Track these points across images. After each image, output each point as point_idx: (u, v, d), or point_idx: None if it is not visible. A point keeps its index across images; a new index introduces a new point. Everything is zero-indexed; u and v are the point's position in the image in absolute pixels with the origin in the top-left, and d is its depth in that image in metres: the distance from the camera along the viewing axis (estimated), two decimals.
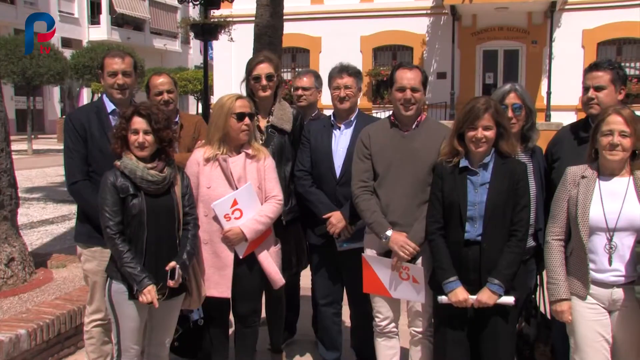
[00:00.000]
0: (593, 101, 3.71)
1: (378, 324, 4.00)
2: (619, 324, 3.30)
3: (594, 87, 3.73)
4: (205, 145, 3.98)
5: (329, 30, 22.28)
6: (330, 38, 22.12)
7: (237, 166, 3.92)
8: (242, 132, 3.90)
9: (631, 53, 21.03)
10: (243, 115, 3.88)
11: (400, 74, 3.85)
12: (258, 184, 3.97)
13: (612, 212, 3.23)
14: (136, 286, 3.39)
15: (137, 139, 3.47)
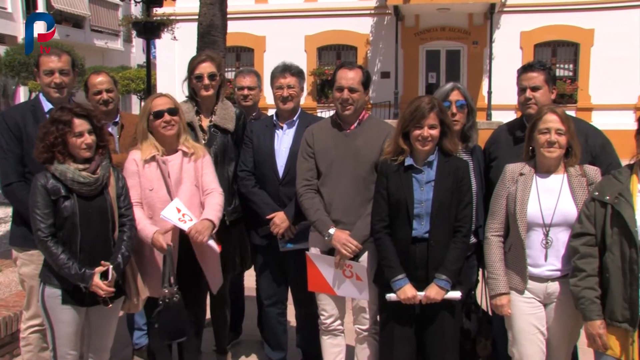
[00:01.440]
0: (531, 101, 3.78)
1: (323, 322, 4.02)
2: (553, 316, 3.41)
3: (530, 87, 3.81)
4: (139, 146, 3.89)
5: (273, 29, 22.20)
6: (274, 37, 22.04)
7: (175, 166, 3.86)
8: (163, 128, 3.83)
9: (565, 55, 21.72)
10: (160, 112, 3.82)
11: (340, 73, 3.88)
12: (195, 182, 3.92)
13: (548, 208, 3.33)
14: (83, 284, 3.32)
15: (84, 140, 3.38)
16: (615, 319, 3.10)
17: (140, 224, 3.72)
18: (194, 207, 3.86)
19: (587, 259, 3.19)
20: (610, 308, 3.12)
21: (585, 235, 3.21)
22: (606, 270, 3.13)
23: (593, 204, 3.21)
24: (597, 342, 3.15)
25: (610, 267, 3.11)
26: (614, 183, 3.19)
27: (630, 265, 3.04)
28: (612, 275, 3.09)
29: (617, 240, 3.10)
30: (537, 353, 3.41)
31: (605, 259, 3.14)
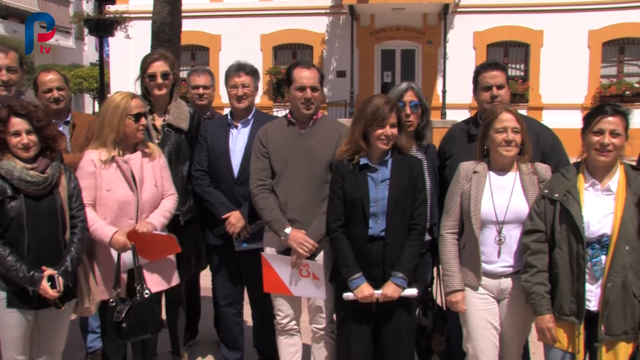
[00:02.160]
0: (497, 99, 3.83)
1: (279, 322, 4.01)
2: (506, 311, 3.47)
3: (496, 85, 3.85)
4: (97, 146, 3.83)
5: (228, 28, 22.01)
6: (230, 36, 21.85)
7: (136, 165, 3.83)
8: (139, 132, 3.83)
9: (516, 55, 22.13)
10: (140, 115, 3.80)
11: (298, 72, 3.87)
12: (155, 182, 3.89)
13: (501, 205, 3.39)
14: (30, 287, 3.25)
15: (21, 140, 3.30)
16: (563, 312, 3.18)
17: (95, 224, 3.66)
18: (150, 208, 3.87)
19: (537, 255, 3.26)
20: (558, 302, 3.20)
21: (535, 232, 3.28)
22: (555, 266, 3.20)
23: (543, 202, 3.28)
24: (547, 335, 3.23)
25: (559, 262, 3.19)
26: (563, 181, 3.26)
27: (578, 260, 3.12)
28: (561, 271, 3.17)
29: (565, 236, 3.18)
30: (491, 348, 3.47)
31: (554, 254, 3.22)
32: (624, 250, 3.05)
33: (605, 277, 3.08)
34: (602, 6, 20.66)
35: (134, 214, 3.82)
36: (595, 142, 3.15)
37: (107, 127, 3.77)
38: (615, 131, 3.12)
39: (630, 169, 3.21)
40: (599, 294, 3.11)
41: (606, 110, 3.17)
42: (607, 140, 3.12)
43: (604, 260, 3.10)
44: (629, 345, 3.12)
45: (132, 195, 3.80)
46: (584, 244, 3.10)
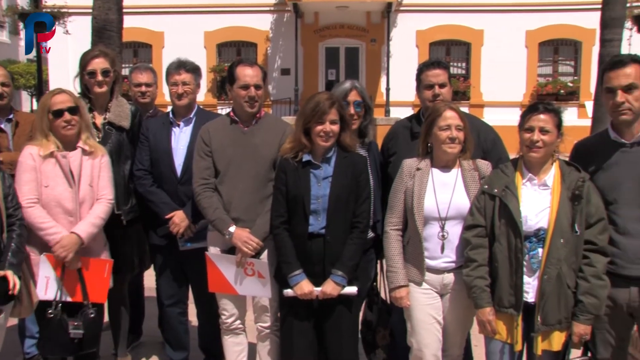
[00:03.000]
0: (439, 97, 3.87)
1: (224, 321, 3.99)
2: (449, 306, 3.54)
3: (438, 84, 3.90)
4: (36, 143, 3.74)
5: (171, 25, 21.69)
6: (173, 33, 21.54)
7: (75, 162, 3.75)
8: (63, 128, 3.72)
9: (458, 53, 22.60)
10: (60, 112, 3.70)
11: (241, 71, 3.84)
12: (90, 181, 3.81)
13: (443, 202, 3.44)
14: None
15: None
16: (503, 305, 3.26)
17: (47, 222, 3.62)
18: (85, 207, 3.79)
19: (478, 249, 3.33)
20: (498, 295, 3.28)
21: (476, 227, 3.35)
22: (495, 260, 3.28)
23: (483, 197, 3.35)
24: (487, 328, 3.31)
25: (498, 256, 3.27)
26: (501, 177, 3.34)
27: (516, 254, 3.20)
28: (500, 264, 3.25)
29: (504, 231, 3.25)
30: (434, 342, 3.52)
31: (494, 249, 3.29)
32: (559, 244, 3.14)
33: (541, 269, 3.17)
34: (538, 8, 21.35)
35: (73, 211, 3.74)
36: (526, 139, 3.25)
37: (38, 127, 3.73)
38: (545, 128, 3.21)
39: (565, 164, 3.31)
40: (536, 286, 3.20)
41: (538, 108, 3.27)
42: (537, 137, 3.21)
43: (540, 253, 3.18)
44: (563, 333, 3.22)
45: (71, 192, 3.72)
46: (522, 237, 3.18)
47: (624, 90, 3.19)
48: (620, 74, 3.20)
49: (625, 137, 3.28)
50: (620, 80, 3.19)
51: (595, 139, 3.55)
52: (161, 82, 5.20)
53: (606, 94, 3.28)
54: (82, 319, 3.74)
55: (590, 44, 20.31)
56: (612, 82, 3.22)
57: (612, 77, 3.22)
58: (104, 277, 3.84)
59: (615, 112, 3.24)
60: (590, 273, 3.16)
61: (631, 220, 3.23)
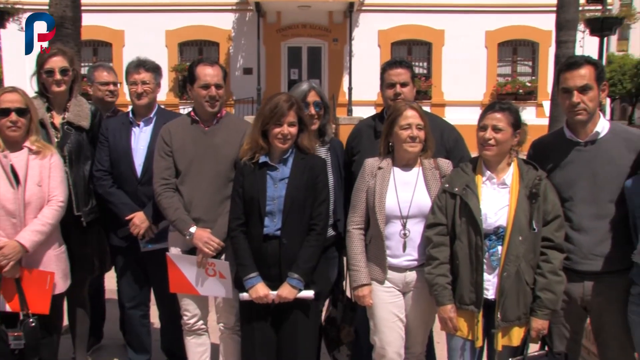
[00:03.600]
0: (400, 96, 3.89)
1: (186, 322, 3.96)
2: (411, 303, 3.57)
3: (400, 83, 3.92)
4: None
5: (132, 23, 21.38)
6: (133, 31, 21.23)
7: (21, 163, 3.63)
8: (8, 129, 3.61)
9: (419, 53, 22.81)
10: (7, 111, 3.60)
11: (202, 70, 3.82)
12: (39, 181, 3.68)
13: (405, 200, 3.47)
14: None
15: None
16: (464, 302, 3.30)
17: None
18: (32, 209, 3.65)
19: (439, 247, 3.36)
20: (459, 293, 3.32)
21: (437, 226, 3.38)
22: (456, 257, 3.32)
23: (444, 195, 3.39)
24: (449, 325, 3.35)
25: (459, 254, 3.31)
26: (462, 175, 3.39)
27: (476, 251, 3.25)
28: (461, 262, 3.29)
29: (465, 229, 3.30)
30: (397, 339, 3.55)
31: (455, 247, 3.33)
32: (517, 241, 3.19)
33: (501, 266, 3.22)
34: (497, 9, 21.69)
35: (16, 213, 3.60)
36: (480, 137, 3.30)
37: None
38: (497, 126, 3.26)
39: (523, 163, 3.36)
40: (495, 283, 3.25)
41: (494, 106, 3.33)
42: (489, 135, 3.26)
43: (500, 251, 3.23)
44: (522, 329, 3.28)
45: (13, 193, 3.59)
46: (482, 235, 3.22)
47: (579, 91, 3.26)
48: (575, 75, 3.26)
49: (580, 137, 3.36)
50: (576, 81, 3.26)
51: (551, 138, 3.63)
52: (122, 81, 5.15)
53: (562, 94, 3.34)
54: (23, 329, 3.60)
55: (547, 45, 20.75)
56: (568, 82, 3.28)
57: (568, 78, 3.29)
58: (45, 288, 3.69)
59: (571, 112, 3.31)
60: (548, 269, 3.22)
61: (585, 217, 3.30)
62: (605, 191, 3.27)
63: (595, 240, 3.28)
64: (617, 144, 3.31)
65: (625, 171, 3.24)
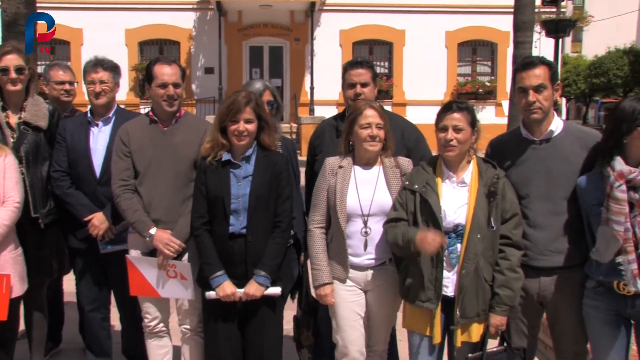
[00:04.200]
0: (361, 96, 3.92)
1: (147, 324, 3.92)
2: (373, 302, 3.59)
3: (360, 83, 3.95)
4: None
5: (90, 21, 21.02)
6: (92, 30, 20.88)
7: None
8: None
9: (381, 53, 22.99)
10: None
11: (159, 69, 3.78)
12: None
13: (365, 199, 3.49)
14: None
15: None
16: (423, 299, 3.31)
17: None
18: None
19: (397, 223, 3.37)
20: (418, 289, 3.32)
21: (398, 221, 3.39)
22: (416, 254, 3.31)
23: (404, 193, 3.41)
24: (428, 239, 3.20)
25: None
26: (422, 173, 3.41)
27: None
28: (422, 258, 3.29)
29: (425, 226, 3.31)
30: (359, 338, 3.56)
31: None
32: (476, 239, 3.23)
33: (460, 264, 3.25)
34: (457, 9, 22.00)
35: None
36: (441, 139, 3.33)
37: None
38: (458, 127, 3.29)
39: (482, 161, 3.41)
40: (454, 280, 3.28)
41: (451, 107, 3.35)
42: (450, 136, 3.29)
43: (459, 248, 3.26)
44: (481, 325, 3.32)
45: None
46: (442, 232, 3.25)
47: (534, 90, 3.33)
48: (531, 75, 3.33)
49: (535, 135, 3.43)
50: (532, 81, 3.33)
51: (507, 137, 3.69)
52: (80, 80, 5.07)
53: (519, 93, 3.41)
54: None
55: (505, 45, 21.10)
56: (524, 82, 3.35)
57: (524, 78, 3.35)
58: (1, 292, 3.61)
59: (527, 111, 3.38)
60: (506, 266, 3.27)
61: (541, 214, 3.37)
62: (559, 188, 3.35)
63: (551, 236, 3.36)
64: (570, 142, 3.39)
65: (578, 169, 3.33)
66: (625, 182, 3.03)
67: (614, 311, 3.19)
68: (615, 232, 3.02)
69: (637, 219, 3.02)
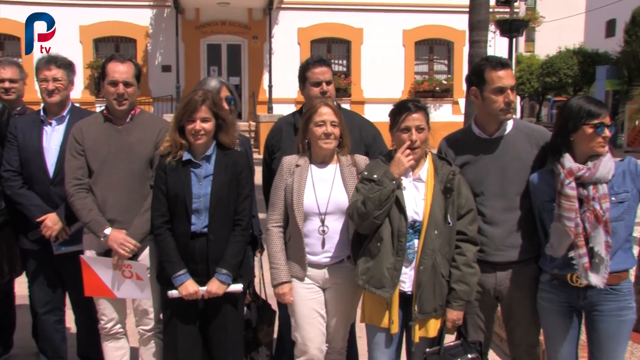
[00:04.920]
0: (327, 94, 3.93)
1: (104, 326, 3.86)
2: (331, 299, 3.61)
3: (325, 81, 3.96)
4: None
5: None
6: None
7: None
8: None
9: (339, 51, 23.09)
10: None
11: (112, 67, 3.74)
12: None
13: (323, 197, 3.50)
14: None
15: None
16: (377, 286, 3.30)
17: None
18: None
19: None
20: (377, 277, 3.30)
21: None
22: (378, 239, 3.31)
23: (365, 182, 3.38)
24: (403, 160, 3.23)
25: (383, 235, 3.29)
26: (381, 165, 3.40)
27: (399, 237, 3.28)
28: (384, 243, 3.28)
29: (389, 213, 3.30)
30: (318, 335, 3.57)
31: (379, 231, 3.30)
32: (433, 235, 3.26)
33: (417, 260, 3.28)
34: (414, 8, 22.22)
35: None
36: (404, 139, 3.31)
37: None
38: (420, 127, 3.32)
39: (438, 158, 3.45)
40: (412, 276, 3.30)
41: (409, 107, 3.34)
42: (415, 137, 3.30)
43: (416, 245, 3.29)
44: (438, 320, 3.36)
45: None
46: (407, 219, 3.26)
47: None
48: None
49: (488, 133, 3.49)
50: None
51: (460, 134, 3.72)
52: (32, 77, 4.94)
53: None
54: None
55: (461, 44, 21.41)
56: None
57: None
58: None
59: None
60: (462, 262, 3.32)
61: (497, 211, 3.43)
62: (513, 185, 3.42)
63: (506, 232, 3.42)
64: (521, 139, 3.46)
65: (529, 165, 3.40)
66: (574, 179, 3.11)
67: (567, 303, 3.27)
68: (567, 227, 3.10)
69: (586, 214, 3.10)
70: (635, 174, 3.17)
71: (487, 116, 3.47)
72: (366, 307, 3.47)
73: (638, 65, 24.51)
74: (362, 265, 3.38)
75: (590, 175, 3.10)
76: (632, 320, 3.24)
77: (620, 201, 3.15)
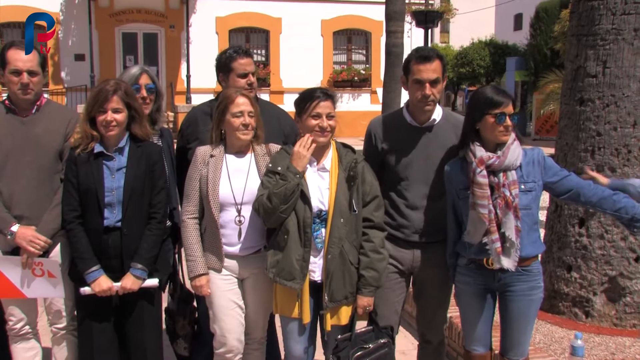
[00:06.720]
0: (253, 85, 3.94)
1: (12, 327, 3.71)
2: (249, 289, 3.62)
3: (252, 72, 3.98)
4: None
5: None
6: None
7: None
8: None
9: (258, 41, 23.02)
10: None
11: (13, 54, 3.55)
12: None
13: (238, 187, 3.49)
14: None
15: None
16: (287, 277, 3.34)
17: None
18: None
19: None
20: (287, 269, 3.34)
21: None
22: (285, 232, 3.33)
23: (270, 175, 3.40)
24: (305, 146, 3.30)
25: (290, 227, 3.32)
26: (285, 156, 3.43)
27: (305, 228, 3.32)
28: (290, 236, 3.31)
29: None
30: (237, 326, 3.57)
31: (286, 221, 3.33)
32: (339, 223, 3.31)
33: (325, 249, 3.33)
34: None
35: None
36: (315, 125, 3.36)
37: None
38: (330, 114, 3.38)
39: (342, 146, 3.50)
40: (321, 265, 3.36)
41: (319, 95, 3.40)
42: (325, 123, 3.36)
43: (323, 233, 3.34)
44: (349, 307, 3.42)
45: None
46: (312, 211, 3.30)
47: (430, 84, 3.46)
48: (429, 69, 3.45)
49: (418, 121, 3.60)
50: (430, 75, 3.44)
51: (391, 119, 3.77)
52: None
53: (414, 84, 3.48)
54: None
55: (379, 35, 21.77)
56: (422, 75, 3.44)
57: (422, 70, 3.45)
58: None
59: (421, 102, 3.50)
60: (369, 248, 3.39)
61: (419, 196, 3.58)
62: (435, 173, 3.56)
63: (427, 217, 3.58)
64: (447, 129, 3.60)
65: (452, 156, 3.52)
66: (485, 167, 3.23)
67: (482, 285, 3.42)
68: (481, 214, 3.24)
69: (497, 201, 3.24)
70: (542, 166, 3.33)
71: (414, 105, 3.57)
72: (278, 298, 3.48)
73: (543, 57, 25.61)
74: (271, 257, 3.40)
75: (500, 163, 3.23)
76: (540, 299, 3.44)
77: (528, 190, 3.29)
